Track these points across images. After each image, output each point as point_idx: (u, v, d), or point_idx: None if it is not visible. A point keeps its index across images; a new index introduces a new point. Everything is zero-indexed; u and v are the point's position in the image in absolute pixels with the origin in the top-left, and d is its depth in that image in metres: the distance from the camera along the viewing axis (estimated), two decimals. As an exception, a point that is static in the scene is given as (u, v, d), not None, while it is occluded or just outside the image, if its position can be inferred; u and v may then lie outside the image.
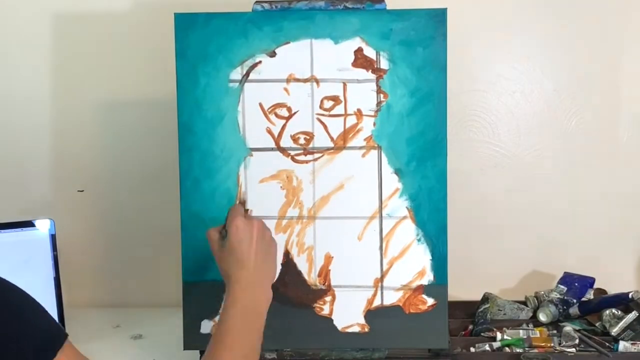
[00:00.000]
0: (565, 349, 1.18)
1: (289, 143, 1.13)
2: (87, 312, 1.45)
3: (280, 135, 1.13)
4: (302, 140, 1.13)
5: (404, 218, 1.12)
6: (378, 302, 1.13)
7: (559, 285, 1.36)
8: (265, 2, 1.13)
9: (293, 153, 1.13)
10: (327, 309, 1.13)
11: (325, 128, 1.12)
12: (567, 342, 1.20)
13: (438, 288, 1.12)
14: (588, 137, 1.46)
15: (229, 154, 1.13)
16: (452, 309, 1.18)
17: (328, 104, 1.12)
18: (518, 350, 1.18)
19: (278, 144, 1.13)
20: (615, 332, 1.22)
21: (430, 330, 1.12)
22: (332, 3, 1.12)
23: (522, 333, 1.24)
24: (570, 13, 1.43)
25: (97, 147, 1.51)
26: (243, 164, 1.13)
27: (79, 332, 1.29)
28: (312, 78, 1.12)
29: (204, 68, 1.12)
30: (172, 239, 1.24)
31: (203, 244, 1.13)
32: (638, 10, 1.43)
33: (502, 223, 1.49)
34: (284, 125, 1.13)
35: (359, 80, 1.12)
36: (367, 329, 1.13)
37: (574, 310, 1.31)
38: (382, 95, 1.11)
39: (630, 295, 1.27)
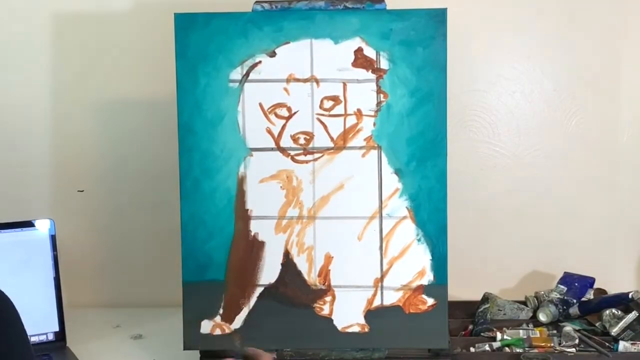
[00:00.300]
0: (565, 349, 1.18)
1: (289, 143, 1.13)
2: (87, 312, 1.45)
3: (280, 135, 1.13)
4: (302, 140, 1.12)
5: (404, 218, 1.12)
6: (378, 302, 1.13)
7: (559, 285, 1.36)
8: (265, 2, 1.13)
9: (293, 153, 1.13)
10: (327, 309, 1.13)
11: (325, 128, 1.12)
12: (567, 342, 1.20)
13: (438, 288, 1.12)
14: (588, 137, 1.46)
15: (229, 154, 1.13)
16: (452, 309, 1.18)
17: (328, 104, 1.12)
18: (518, 350, 1.18)
19: (278, 144, 1.13)
20: (615, 332, 1.22)
21: (430, 330, 1.12)
22: (332, 3, 1.12)
23: (522, 333, 1.24)
24: (571, 13, 1.43)
25: (97, 147, 1.51)
26: (243, 164, 1.13)
27: (79, 332, 1.30)
28: (312, 78, 1.12)
29: (204, 68, 1.12)
30: (172, 239, 1.24)
31: (203, 244, 1.13)
32: (638, 11, 1.43)
33: (502, 223, 1.49)
34: (284, 125, 1.12)
35: (359, 80, 1.12)
36: (367, 329, 1.13)
37: (574, 310, 1.31)
38: (382, 95, 1.11)
39: (630, 295, 1.27)
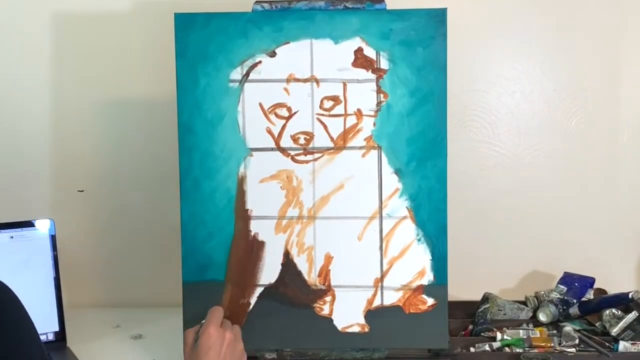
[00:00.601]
0: (565, 349, 1.18)
1: (289, 143, 1.13)
2: (87, 312, 1.45)
3: (280, 135, 1.13)
4: (302, 140, 1.12)
5: (404, 218, 1.12)
6: (378, 302, 1.13)
7: (559, 285, 1.36)
8: (265, 2, 1.13)
9: (293, 153, 1.13)
10: (327, 309, 1.13)
11: (325, 128, 1.12)
12: (567, 342, 1.20)
13: (438, 288, 1.12)
14: (588, 137, 1.46)
15: (229, 154, 1.13)
16: (452, 309, 1.18)
17: (328, 104, 1.12)
18: (518, 350, 1.17)
19: (278, 144, 1.13)
20: (615, 332, 1.22)
21: (430, 330, 1.12)
22: (332, 3, 1.12)
23: (522, 333, 1.23)
24: (570, 13, 1.43)
25: (97, 147, 1.51)
26: (243, 164, 1.13)
27: (79, 332, 1.30)
28: (312, 78, 1.12)
29: (204, 68, 1.12)
30: (172, 239, 1.24)
31: (203, 244, 1.13)
32: (638, 11, 1.43)
33: (502, 223, 1.49)
34: (284, 125, 1.12)
35: (359, 80, 1.12)
36: (367, 329, 1.13)
37: (574, 310, 1.31)
38: (382, 95, 1.11)
39: (630, 295, 1.27)
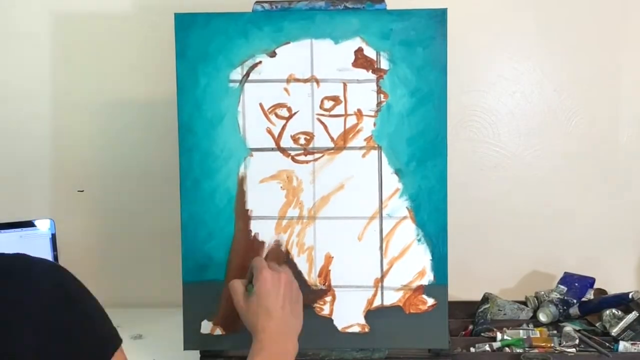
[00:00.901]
0: (565, 349, 1.18)
1: (289, 143, 1.13)
2: (87, 312, 1.45)
3: (281, 136, 1.12)
4: (302, 141, 1.12)
5: (404, 218, 1.12)
6: (378, 302, 1.13)
7: (559, 285, 1.36)
8: (265, 2, 1.13)
9: (293, 153, 1.13)
10: (327, 309, 1.13)
11: (326, 128, 1.12)
12: (567, 342, 1.20)
13: (438, 288, 1.12)
14: (588, 137, 1.46)
15: (229, 154, 1.13)
16: (452, 309, 1.18)
17: (328, 104, 1.12)
18: (518, 351, 1.18)
19: (278, 144, 1.13)
20: (615, 332, 1.22)
21: (430, 330, 1.12)
22: (332, 3, 1.12)
23: (522, 333, 1.24)
24: (571, 13, 1.43)
25: (97, 147, 1.51)
26: (243, 164, 1.13)
27: (79, 332, 1.29)
28: (312, 78, 1.12)
29: (204, 68, 1.12)
30: (172, 239, 1.24)
31: (203, 244, 1.13)
32: (638, 11, 1.43)
33: (502, 223, 1.49)
34: (284, 126, 1.12)
35: (359, 81, 1.12)
36: (367, 329, 1.13)
37: (574, 311, 1.31)
38: (382, 96, 1.11)
39: (630, 295, 1.27)
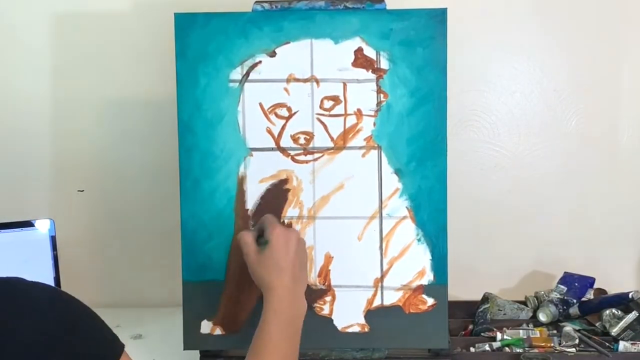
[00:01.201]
0: (565, 349, 1.18)
1: (289, 143, 1.13)
2: (87, 312, 1.45)
3: (280, 135, 1.12)
4: (302, 140, 1.12)
5: (404, 218, 1.12)
6: (378, 302, 1.13)
7: (559, 285, 1.36)
8: (265, 2, 1.13)
9: (293, 153, 1.13)
10: (327, 309, 1.13)
11: (325, 128, 1.12)
12: (567, 342, 1.20)
13: (438, 288, 1.12)
14: (588, 137, 1.46)
15: (229, 154, 1.13)
16: (452, 309, 1.17)
17: (328, 104, 1.12)
18: (518, 350, 1.18)
19: (278, 144, 1.13)
20: (615, 332, 1.22)
21: (430, 330, 1.11)
22: (332, 3, 1.12)
23: (522, 333, 1.24)
24: (571, 13, 1.43)
25: (97, 147, 1.51)
26: (243, 164, 1.13)
27: (79, 332, 1.29)
28: (312, 78, 1.12)
29: (204, 68, 1.12)
30: (172, 239, 1.24)
31: (203, 244, 1.13)
32: (638, 11, 1.43)
33: (502, 223, 1.49)
34: (284, 125, 1.12)
35: (359, 80, 1.12)
36: (367, 329, 1.12)
37: (574, 310, 1.31)
38: (382, 95, 1.11)
39: (630, 295, 1.27)
